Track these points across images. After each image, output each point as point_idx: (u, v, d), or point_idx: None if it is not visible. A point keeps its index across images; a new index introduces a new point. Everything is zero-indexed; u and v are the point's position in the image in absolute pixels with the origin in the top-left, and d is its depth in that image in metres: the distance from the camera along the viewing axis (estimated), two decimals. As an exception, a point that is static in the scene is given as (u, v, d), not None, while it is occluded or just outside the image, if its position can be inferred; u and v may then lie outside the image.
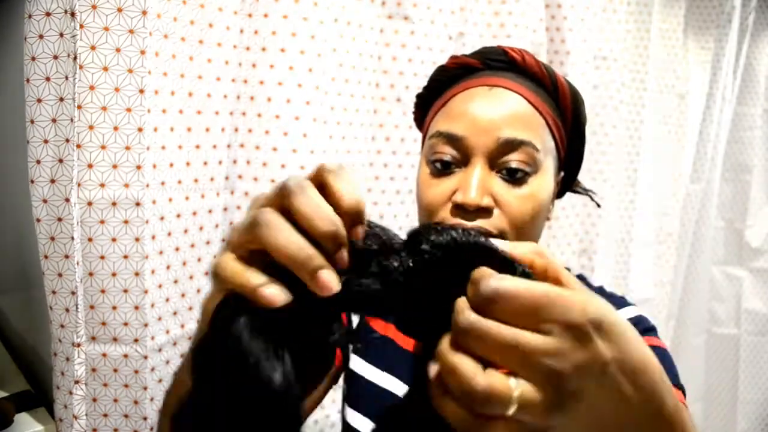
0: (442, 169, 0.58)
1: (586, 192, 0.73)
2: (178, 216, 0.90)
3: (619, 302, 0.66)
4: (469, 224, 0.55)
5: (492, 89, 0.58)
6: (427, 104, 0.66)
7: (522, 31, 1.21)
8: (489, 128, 0.56)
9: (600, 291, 0.68)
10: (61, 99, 0.76)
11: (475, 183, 0.55)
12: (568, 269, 0.71)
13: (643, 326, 0.62)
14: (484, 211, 0.56)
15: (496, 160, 0.56)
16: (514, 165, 0.56)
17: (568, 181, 0.68)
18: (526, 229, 0.57)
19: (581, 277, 0.71)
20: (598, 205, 0.76)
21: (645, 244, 1.48)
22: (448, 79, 0.63)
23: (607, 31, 1.31)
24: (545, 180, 0.58)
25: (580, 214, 1.34)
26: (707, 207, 1.57)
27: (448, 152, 0.57)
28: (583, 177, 0.73)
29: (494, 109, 0.56)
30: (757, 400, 1.67)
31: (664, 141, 1.50)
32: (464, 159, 0.57)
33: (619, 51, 1.33)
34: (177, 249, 0.91)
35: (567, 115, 0.62)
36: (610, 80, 1.32)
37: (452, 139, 0.57)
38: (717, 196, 1.61)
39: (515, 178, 0.56)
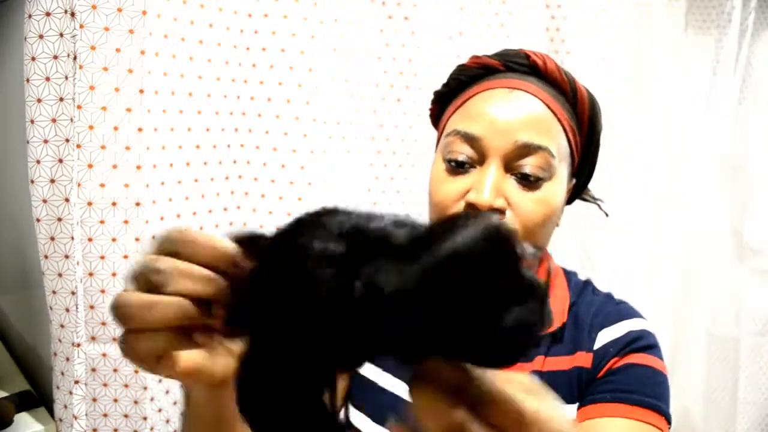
0: (456, 167, 0.58)
1: (594, 201, 0.73)
2: (178, 216, 0.90)
3: (628, 312, 0.66)
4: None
5: (512, 92, 0.58)
6: (445, 102, 0.66)
7: (522, 31, 1.21)
8: (507, 131, 0.56)
9: (608, 298, 0.68)
10: (61, 99, 0.76)
11: (490, 183, 0.55)
12: (571, 271, 0.71)
13: (645, 342, 0.61)
14: (497, 212, 0.56)
15: (511, 162, 0.56)
16: (529, 169, 0.56)
17: (578, 189, 0.68)
18: (537, 233, 0.58)
19: (589, 283, 0.70)
20: (606, 214, 0.76)
21: (645, 243, 1.48)
22: (468, 78, 0.63)
23: (607, 31, 1.31)
24: (558, 186, 0.58)
25: (581, 215, 1.34)
26: (707, 207, 1.57)
27: (464, 151, 0.57)
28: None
29: (513, 112, 0.56)
30: (757, 400, 1.67)
31: (664, 141, 1.49)
32: (480, 159, 0.57)
33: (619, 51, 1.33)
34: (177, 249, 0.91)
35: (583, 123, 0.62)
36: (610, 80, 1.32)
37: (469, 139, 0.57)
38: (717, 196, 1.61)
39: (529, 181, 0.56)
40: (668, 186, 1.52)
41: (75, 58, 0.75)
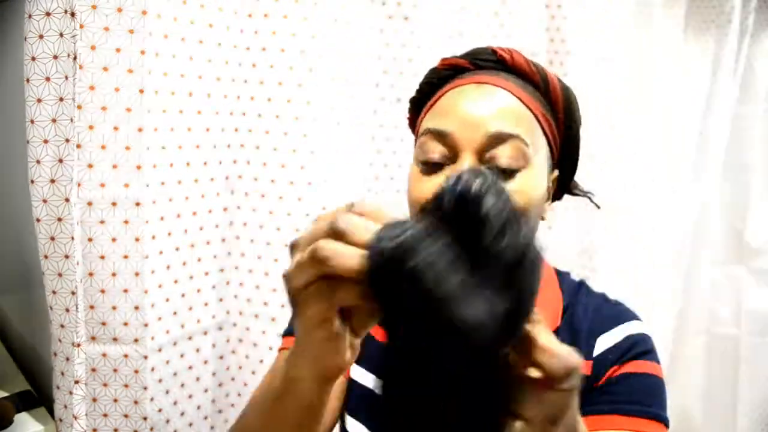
0: (431, 165, 0.58)
1: (584, 194, 0.72)
2: (178, 216, 0.90)
3: (625, 314, 0.65)
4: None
5: (480, 86, 0.58)
6: (419, 107, 0.66)
7: (522, 32, 1.21)
8: (477, 123, 0.55)
9: (603, 299, 0.67)
10: (61, 99, 0.76)
11: None
12: (564, 271, 0.71)
13: (643, 348, 0.60)
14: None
15: (484, 154, 0.56)
16: (503, 161, 0.55)
17: (564, 182, 0.67)
18: None
19: (583, 284, 0.69)
20: (598, 207, 0.75)
21: (645, 244, 1.48)
22: (439, 80, 0.63)
23: (607, 31, 1.31)
24: (536, 176, 0.58)
25: (580, 214, 1.34)
26: (707, 207, 1.57)
27: (437, 150, 0.57)
28: (583, 177, 0.73)
29: (483, 105, 0.56)
30: (757, 400, 1.67)
31: (664, 141, 1.49)
32: (453, 155, 0.57)
33: (619, 51, 1.33)
34: (177, 249, 0.91)
35: (559, 113, 0.62)
36: (610, 80, 1.32)
37: (441, 136, 0.57)
38: (717, 196, 1.61)
39: (503, 172, 0.56)
40: (668, 186, 1.52)
41: (75, 58, 0.75)
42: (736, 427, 1.67)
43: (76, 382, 0.80)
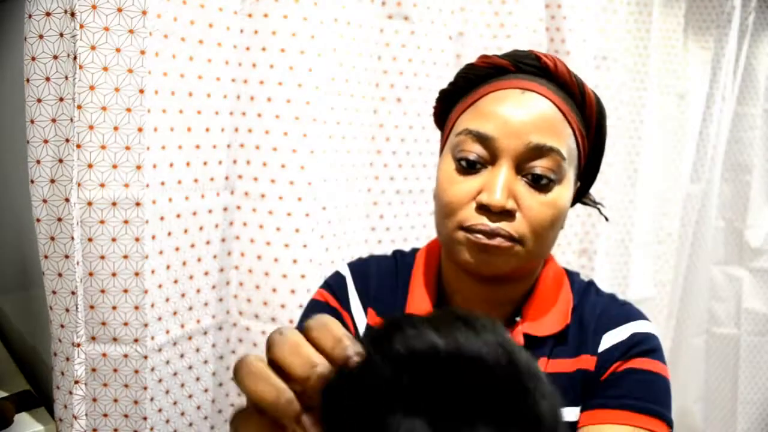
0: (467, 166, 0.58)
1: (594, 204, 0.73)
2: (178, 216, 0.90)
3: (632, 313, 0.65)
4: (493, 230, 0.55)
5: (524, 93, 0.58)
6: (450, 101, 0.66)
7: (522, 31, 1.21)
8: (519, 132, 0.56)
9: (612, 299, 0.68)
10: (61, 99, 0.76)
11: (501, 184, 0.55)
12: (574, 272, 0.71)
13: (648, 346, 0.61)
14: (508, 214, 0.56)
15: (523, 164, 0.56)
16: (539, 171, 0.56)
17: (582, 192, 0.68)
18: (545, 236, 0.58)
19: (592, 284, 0.70)
20: (606, 219, 0.76)
21: (645, 244, 1.48)
22: (477, 78, 0.63)
23: (607, 31, 1.31)
24: (567, 189, 0.59)
25: (581, 215, 1.34)
26: (707, 207, 1.57)
27: (476, 151, 0.57)
28: (583, 177, 0.73)
29: (526, 113, 0.56)
30: (757, 400, 1.67)
31: (664, 141, 1.49)
32: (491, 159, 0.57)
33: (619, 51, 1.33)
34: (177, 249, 0.91)
35: (591, 126, 0.62)
36: (610, 80, 1.32)
37: (482, 139, 0.57)
38: (717, 196, 1.61)
39: (540, 184, 0.56)
40: (668, 186, 1.52)
41: (75, 58, 0.75)
42: (736, 427, 1.67)
43: (76, 382, 0.80)
